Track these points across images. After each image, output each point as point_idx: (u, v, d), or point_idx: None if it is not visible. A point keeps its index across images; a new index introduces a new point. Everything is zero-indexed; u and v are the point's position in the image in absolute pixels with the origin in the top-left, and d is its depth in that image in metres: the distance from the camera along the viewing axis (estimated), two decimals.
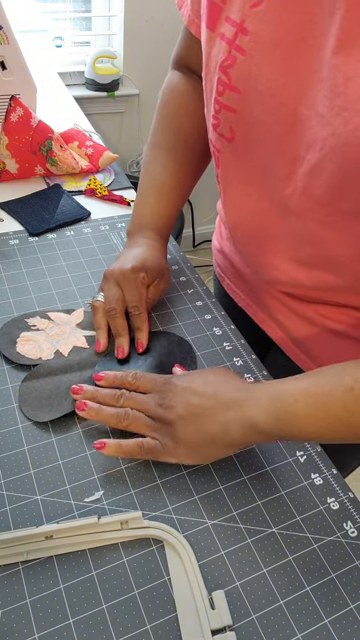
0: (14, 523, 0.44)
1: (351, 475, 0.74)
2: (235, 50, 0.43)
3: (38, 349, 0.58)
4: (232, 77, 0.44)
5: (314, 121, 0.39)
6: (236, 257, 0.69)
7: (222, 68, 0.45)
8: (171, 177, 0.64)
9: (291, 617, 0.41)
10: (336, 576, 0.43)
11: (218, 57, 0.45)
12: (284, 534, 0.46)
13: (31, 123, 0.84)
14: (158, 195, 0.64)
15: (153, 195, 0.65)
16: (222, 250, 0.73)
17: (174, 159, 0.64)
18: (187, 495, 0.47)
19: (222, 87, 0.46)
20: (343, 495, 0.49)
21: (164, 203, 0.65)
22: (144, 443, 0.47)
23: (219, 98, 0.47)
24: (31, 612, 0.39)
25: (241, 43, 0.42)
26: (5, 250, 0.72)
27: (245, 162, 0.50)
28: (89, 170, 0.91)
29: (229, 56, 0.44)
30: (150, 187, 0.65)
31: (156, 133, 0.65)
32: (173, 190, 0.65)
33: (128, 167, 2.05)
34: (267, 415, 0.42)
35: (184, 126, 0.64)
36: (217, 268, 0.77)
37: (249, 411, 0.43)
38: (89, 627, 0.39)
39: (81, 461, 0.49)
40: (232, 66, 0.44)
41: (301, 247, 0.50)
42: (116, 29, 1.77)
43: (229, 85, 0.45)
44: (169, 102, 0.65)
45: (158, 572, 0.42)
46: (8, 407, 0.53)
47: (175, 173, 0.64)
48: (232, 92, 0.45)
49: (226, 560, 0.44)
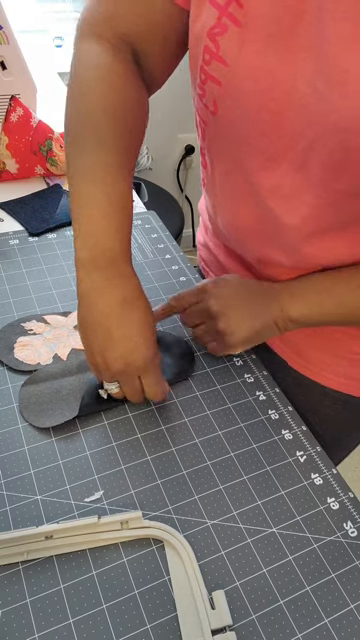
0: (14, 523, 0.44)
1: (351, 475, 0.75)
2: (227, 18, 0.41)
3: (36, 354, 0.58)
4: (220, 46, 0.42)
5: (312, 97, 0.38)
6: (220, 251, 0.69)
7: (210, 35, 0.42)
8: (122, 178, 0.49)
9: (291, 617, 0.41)
10: (336, 576, 0.43)
11: (206, 23, 0.42)
12: (284, 534, 0.46)
13: (31, 123, 0.84)
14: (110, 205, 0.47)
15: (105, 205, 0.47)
16: (206, 245, 0.73)
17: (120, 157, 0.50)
18: (187, 495, 0.47)
19: (209, 56, 0.43)
20: (343, 495, 0.49)
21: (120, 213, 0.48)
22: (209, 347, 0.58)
23: (205, 67, 0.44)
24: (31, 612, 0.39)
25: (235, 13, 0.40)
26: (5, 250, 0.72)
27: (227, 138, 0.47)
28: None
29: (219, 23, 0.41)
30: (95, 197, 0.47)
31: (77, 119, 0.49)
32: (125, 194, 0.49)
33: None
34: (298, 306, 0.52)
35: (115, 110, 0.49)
36: (201, 263, 0.77)
37: (285, 303, 0.53)
38: (89, 627, 0.39)
39: (81, 461, 0.49)
40: (222, 34, 0.41)
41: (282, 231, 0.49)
42: None
43: (216, 55, 0.42)
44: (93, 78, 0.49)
45: (158, 572, 0.42)
46: (8, 407, 0.53)
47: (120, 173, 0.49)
48: (219, 63, 0.42)
49: (226, 560, 0.44)
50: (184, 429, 0.53)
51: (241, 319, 0.54)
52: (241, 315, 0.54)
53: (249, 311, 0.54)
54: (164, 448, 0.51)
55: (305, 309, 0.52)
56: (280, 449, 0.52)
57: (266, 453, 0.52)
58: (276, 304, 0.53)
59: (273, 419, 0.55)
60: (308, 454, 0.52)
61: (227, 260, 0.67)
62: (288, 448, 0.52)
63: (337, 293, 0.51)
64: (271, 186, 0.46)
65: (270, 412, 0.56)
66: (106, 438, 0.51)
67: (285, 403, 0.57)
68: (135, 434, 0.52)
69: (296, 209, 0.46)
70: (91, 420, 0.52)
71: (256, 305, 0.54)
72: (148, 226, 0.81)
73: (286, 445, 0.53)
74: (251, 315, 0.54)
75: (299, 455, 0.52)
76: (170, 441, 0.52)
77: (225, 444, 0.52)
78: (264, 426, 0.54)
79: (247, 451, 0.52)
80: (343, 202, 0.43)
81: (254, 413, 0.55)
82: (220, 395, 0.56)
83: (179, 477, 0.49)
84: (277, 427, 0.54)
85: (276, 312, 0.53)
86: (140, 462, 0.49)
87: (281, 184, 0.46)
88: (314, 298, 0.52)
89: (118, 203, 0.47)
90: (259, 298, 0.54)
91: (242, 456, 0.51)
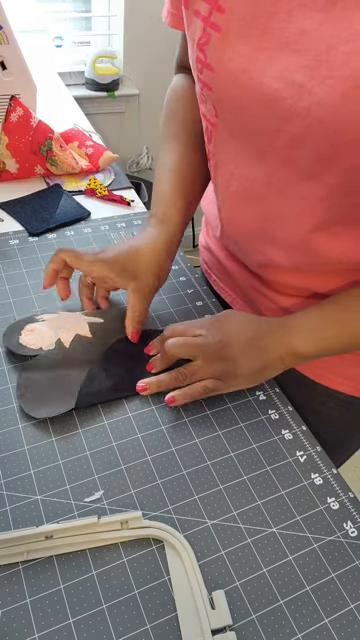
0: (14, 523, 0.44)
1: (351, 475, 0.75)
2: (210, 27, 0.43)
3: (39, 339, 0.57)
4: (207, 55, 0.44)
5: (286, 92, 0.39)
6: (222, 253, 0.69)
7: (199, 46, 0.45)
8: (179, 161, 0.63)
9: (291, 617, 0.41)
10: (336, 576, 0.43)
11: (195, 35, 0.45)
12: (284, 534, 0.46)
13: (31, 123, 0.84)
14: (169, 182, 0.62)
15: (163, 182, 0.63)
16: (208, 247, 0.74)
17: (179, 145, 0.63)
18: (187, 495, 0.47)
19: (200, 65, 0.46)
20: (343, 495, 0.49)
21: (175, 188, 0.62)
22: (207, 386, 0.53)
23: (200, 76, 0.47)
24: (31, 612, 0.39)
25: (216, 20, 0.42)
26: (5, 250, 0.72)
27: (230, 140, 0.50)
28: (89, 170, 0.91)
29: (204, 34, 0.44)
30: (161, 174, 0.64)
31: (163, 130, 0.66)
32: (182, 172, 0.63)
33: (128, 167, 2.05)
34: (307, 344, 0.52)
35: (187, 116, 0.64)
36: (204, 265, 0.78)
37: (293, 341, 0.52)
38: (89, 627, 0.39)
39: (81, 461, 0.49)
40: (207, 43, 0.44)
41: (284, 228, 0.50)
42: (116, 29, 1.77)
43: (205, 63, 0.45)
44: (172, 100, 0.66)
45: (158, 572, 0.42)
46: (8, 407, 0.53)
47: (182, 157, 0.63)
48: (208, 70, 0.45)
49: (226, 560, 0.44)
50: (184, 429, 0.53)
51: (244, 359, 0.53)
52: (244, 354, 0.53)
53: (253, 349, 0.53)
54: (164, 448, 0.51)
55: (311, 342, 0.52)
56: (280, 449, 0.52)
57: (266, 453, 0.52)
58: (280, 340, 0.53)
59: (273, 419, 0.55)
60: (308, 454, 0.52)
61: (229, 262, 0.67)
62: (288, 448, 0.52)
63: (341, 320, 0.51)
64: (266, 182, 0.48)
65: (270, 412, 0.56)
66: (106, 438, 0.51)
67: (285, 403, 0.57)
68: (135, 434, 0.52)
69: (292, 203, 0.47)
70: (91, 420, 0.52)
71: (260, 343, 0.53)
72: None
73: (286, 445, 0.53)
74: (255, 354, 0.53)
75: (299, 455, 0.52)
76: (170, 441, 0.52)
77: (225, 444, 0.52)
78: (264, 426, 0.54)
79: (247, 451, 0.52)
80: (338, 198, 0.43)
81: (254, 413, 0.55)
82: (220, 395, 0.56)
83: (179, 477, 0.49)
84: (277, 427, 0.54)
85: (281, 349, 0.53)
86: (140, 462, 0.49)
87: (272, 180, 0.47)
88: (318, 329, 0.52)
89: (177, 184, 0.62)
90: (262, 335, 0.54)
91: (242, 456, 0.51)
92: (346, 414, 0.65)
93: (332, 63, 0.35)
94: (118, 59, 1.79)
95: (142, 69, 1.83)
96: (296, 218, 0.47)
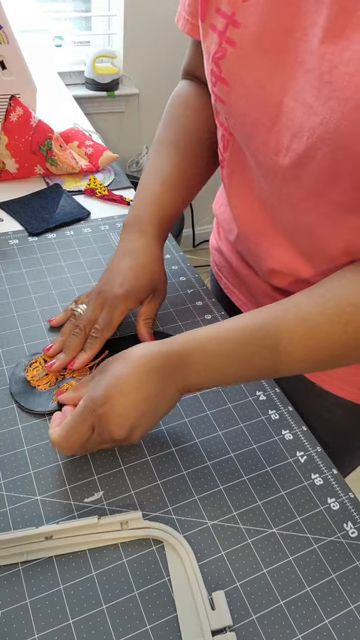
0: (14, 523, 0.44)
1: (351, 475, 0.74)
2: (226, 42, 0.43)
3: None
4: (223, 69, 0.45)
5: (299, 111, 0.40)
6: (233, 256, 0.69)
7: (214, 60, 0.45)
8: (174, 168, 0.61)
9: (291, 617, 0.41)
10: (336, 576, 0.43)
11: (210, 48, 0.46)
12: (284, 534, 0.46)
13: (31, 123, 0.84)
14: (160, 186, 0.61)
15: (154, 186, 0.61)
16: (219, 249, 0.73)
17: (177, 152, 0.62)
18: (187, 495, 0.47)
19: (214, 78, 0.46)
20: (343, 495, 0.49)
21: (167, 194, 0.61)
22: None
23: (214, 89, 0.47)
24: (31, 612, 0.39)
25: (232, 35, 0.43)
26: (5, 250, 0.72)
27: (242, 151, 0.50)
28: (89, 170, 0.91)
29: (220, 48, 0.44)
30: (152, 177, 0.62)
31: (161, 132, 0.65)
32: (177, 180, 0.61)
33: (128, 167, 2.04)
34: (203, 377, 0.45)
35: (189, 122, 0.63)
36: (214, 267, 0.77)
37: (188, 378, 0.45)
38: (89, 627, 0.39)
39: (81, 461, 0.49)
40: (222, 58, 0.44)
41: (297, 238, 0.50)
42: (116, 29, 1.77)
43: (220, 77, 0.45)
44: (175, 104, 0.65)
45: (158, 572, 0.42)
46: (8, 407, 0.53)
47: (179, 163, 0.61)
48: (222, 84, 0.45)
49: (226, 560, 0.44)
50: (184, 429, 0.53)
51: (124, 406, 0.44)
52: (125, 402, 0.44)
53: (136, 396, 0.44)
54: (164, 448, 0.51)
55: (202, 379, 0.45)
56: (280, 449, 0.52)
57: (266, 453, 0.52)
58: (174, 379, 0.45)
59: (273, 419, 0.55)
60: (308, 454, 0.52)
61: (240, 265, 0.67)
62: (288, 448, 0.52)
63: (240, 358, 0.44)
64: (275, 195, 0.48)
65: (270, 412, 0.56)
66: None
67: (285, 403, 0.57)
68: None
69: (303, 216, 0.47)
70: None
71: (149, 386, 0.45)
72: None
73: (286, 445, 0.53)
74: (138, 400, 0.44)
75: (299, 455, 0.52)
76: (170, 441, 0.52)
77: (225, 444, 0.52)
78: (264, 426, 0.54)
79: (247, 451, 0.51)
80: (339, 216, 0.44)
81: (254, 413, 0.55)
82: (220, 395, 0.56)
83: (179, 477, 0.49)
84: (277, 427, 0.54)
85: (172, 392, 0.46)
86: (140, 462, 0.49)
87: (280, 194, 0.47)
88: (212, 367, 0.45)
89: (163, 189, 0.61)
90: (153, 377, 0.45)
91: (242, 456, 0.51)
92: (353, 422, 0.65)
93: (334, 84, 0.36)
94: (118, 59, 1.79)
95: (142, 69, 1.83)
96: (309, 229, 0.48)
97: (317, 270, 0.51)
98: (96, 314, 0.56)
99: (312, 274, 0.52)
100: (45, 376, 0.55)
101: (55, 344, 0.57)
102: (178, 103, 0.65)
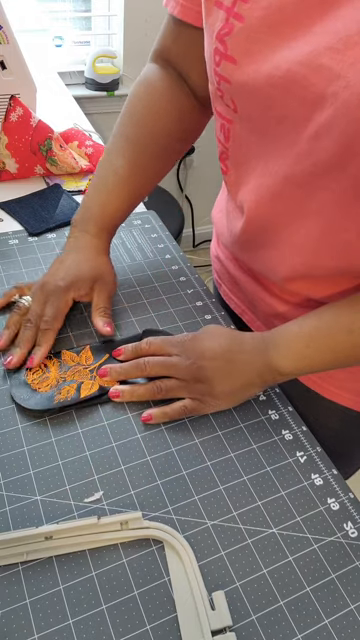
0: (14, 523, 0.44)
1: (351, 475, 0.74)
2: (233, 18, 0.42)
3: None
4: (228, 46, 0.43)
5: (315, 78, 0.38)
6: (231, 264, 0.68)
7: (218, 36, 0.44)
8: (128, 165, 0.61)
9: (291, 618, 0.41)
10: (336, 577, 0.43)
11: (215, 26, 0.44)
12: (284, 534, 0.46)
13: (31, 123, 0.84)
14: (110, 185, 0.62)
15: (104, 185, 0.62)
16: (218, 257, 0.73)
17: (133, 148, 0.62)
18: (187, 495, 0.47)
19: (219, 57, 0.45)
20: (343, 496, 0.49)
21: (115, 194, 0.62)
22: (186, 405, 0.52)
23: (217, 69, 0.46)
24: (31, 612, 0.39)
25: (240, 10, 0.41)
26: (5, 250, 0.72)
27: (251, 134, 0.48)
28: (89, 170, 0.91)
29: (226, 24, 0.43)
30: (102, 176, 0.63)
31: (119, 124, 0.64)
32: (128, 179, 0.62)
33: None
34: (287, 360, 0.50)
35: (149, 121, 0.62)
36: (215, 274, 0.77)
37: (272, 357, 0.50)
38: (89, 627, 0.39)
39: (81, 461, 0.49)
40: (229, 34, 0.43)
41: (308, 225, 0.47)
42: (116, 29, 1.77)
43: (225, 55, 0.44)
44: (140, 97, 0.63)
45: (158, 573, 0.42)
46: (8, 407, 0.53)
47: (133, 161, 0.61)
48: (227, 62, 0.44)
49: (226, 560, 0.44)
50: (184, 429, 0.53)
51: (219, 380, 0.51)
52: (219, 376, 0.51)
53: (227, 369, 0.52)
54: (164, 448, 0.51)
55: (290, 358, 0.50)
56: (280, 449, 0.52)
57: (266, 453, 0.52)
58: (257, 356, 0.51)
59: (273, 419, 0.55)
60: (308, 454, 0.52)
61: (237, 272, 0.66)
62: (288, 448, 0.52)
63: (321, 337, 0.49)
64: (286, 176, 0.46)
65: (270, 412, 0.56)
66: (106, 438, 0.51)
67: (285, 403, 0.57)
68: (135, 434, 0.52)
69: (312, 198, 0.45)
70: (91, 420, 0.52)
71: (234, 360, 0.52)
72: (148, 226, 0.81)
73: (286, 445, 0.53)
74: (229, 374, 0.52)
75: (299, 455, 0.52)
76: (170, 441, 0.52)
77: (225, 444, 0.52)
78: (264, 426, 0.54)
79: (247, 451, 0.51)
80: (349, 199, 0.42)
81: (254, 413, 0.55)
82: None
83: (179, 477, 0.49)
84: (277, 427, 0.54)
85: (258, 364, 0.51)
86: (140, 462, 0.49)
87: (293, 173, 0.45)
88: (296, 345, 0.50)
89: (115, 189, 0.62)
90: (236, 351, 0.52)
91: (242, 456, 0.51)
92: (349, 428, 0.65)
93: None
94: (118, 59, 1.79)
95: (142, 69, 1.83)
96: (317, 214, 0.45)
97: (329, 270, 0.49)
98: (42, 307, 0.58)
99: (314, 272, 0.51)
100: (46, 379, 0.55)
101: (3, 337, 0.57)
102: (143, 96, 0.63)
